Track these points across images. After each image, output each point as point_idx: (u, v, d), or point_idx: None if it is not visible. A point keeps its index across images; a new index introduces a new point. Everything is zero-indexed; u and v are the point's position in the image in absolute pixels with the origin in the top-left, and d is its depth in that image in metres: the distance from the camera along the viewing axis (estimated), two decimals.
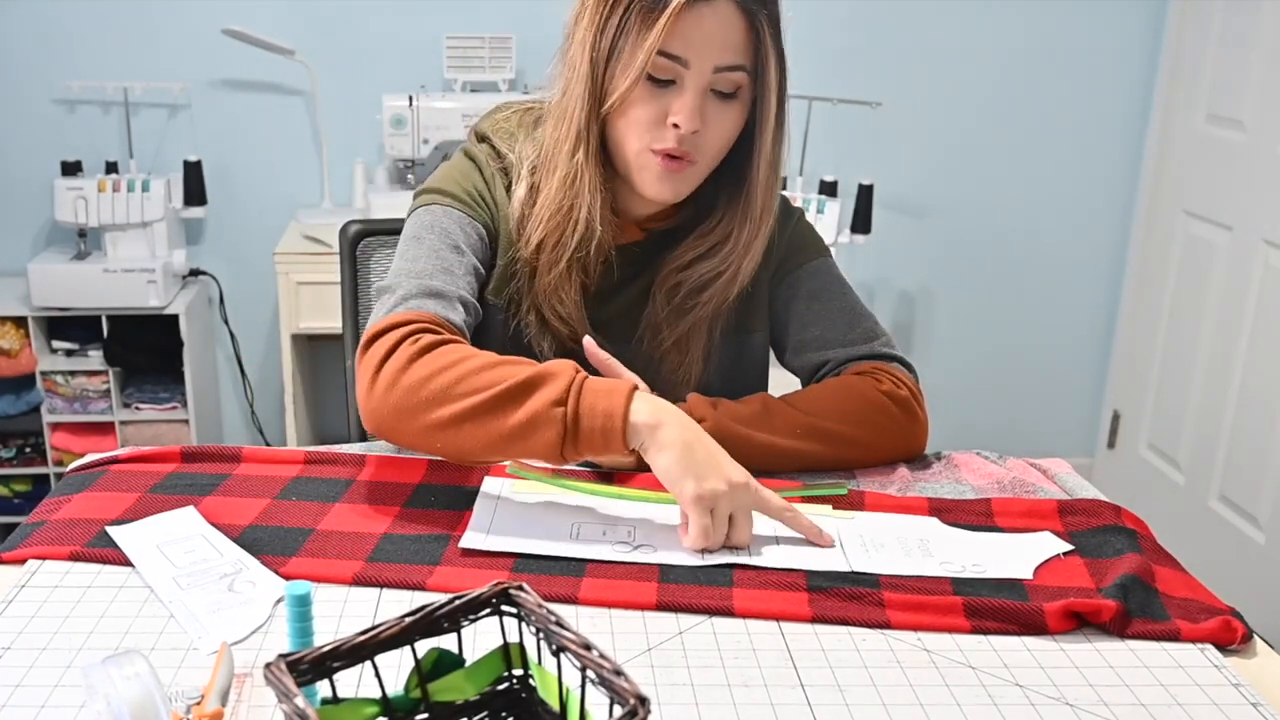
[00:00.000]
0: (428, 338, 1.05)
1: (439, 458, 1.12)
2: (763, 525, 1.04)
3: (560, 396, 0.99)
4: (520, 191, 1.21)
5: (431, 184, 1.24)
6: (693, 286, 1.23)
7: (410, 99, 2.53)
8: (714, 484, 0.97)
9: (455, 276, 1.15)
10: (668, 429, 0.99)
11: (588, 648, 0.62)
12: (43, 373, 2.59)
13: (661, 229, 1.26)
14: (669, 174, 1.14)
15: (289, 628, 0.76)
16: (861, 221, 2.65)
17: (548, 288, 1.20)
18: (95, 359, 2.60)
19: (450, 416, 1.01)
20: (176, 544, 0.97)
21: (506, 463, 1.14)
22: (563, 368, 1.02)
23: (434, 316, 1.09)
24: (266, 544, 0.98)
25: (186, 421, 2.67)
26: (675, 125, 1.11)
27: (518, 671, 0.71)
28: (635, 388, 1.02)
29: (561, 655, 0.65)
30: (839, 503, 1.09)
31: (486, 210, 1.23)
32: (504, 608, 0.69)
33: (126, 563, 0.94)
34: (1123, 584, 0.93)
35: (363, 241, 1.50)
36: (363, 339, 1.08)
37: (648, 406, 1.00)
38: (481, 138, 1.28)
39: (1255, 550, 2.52)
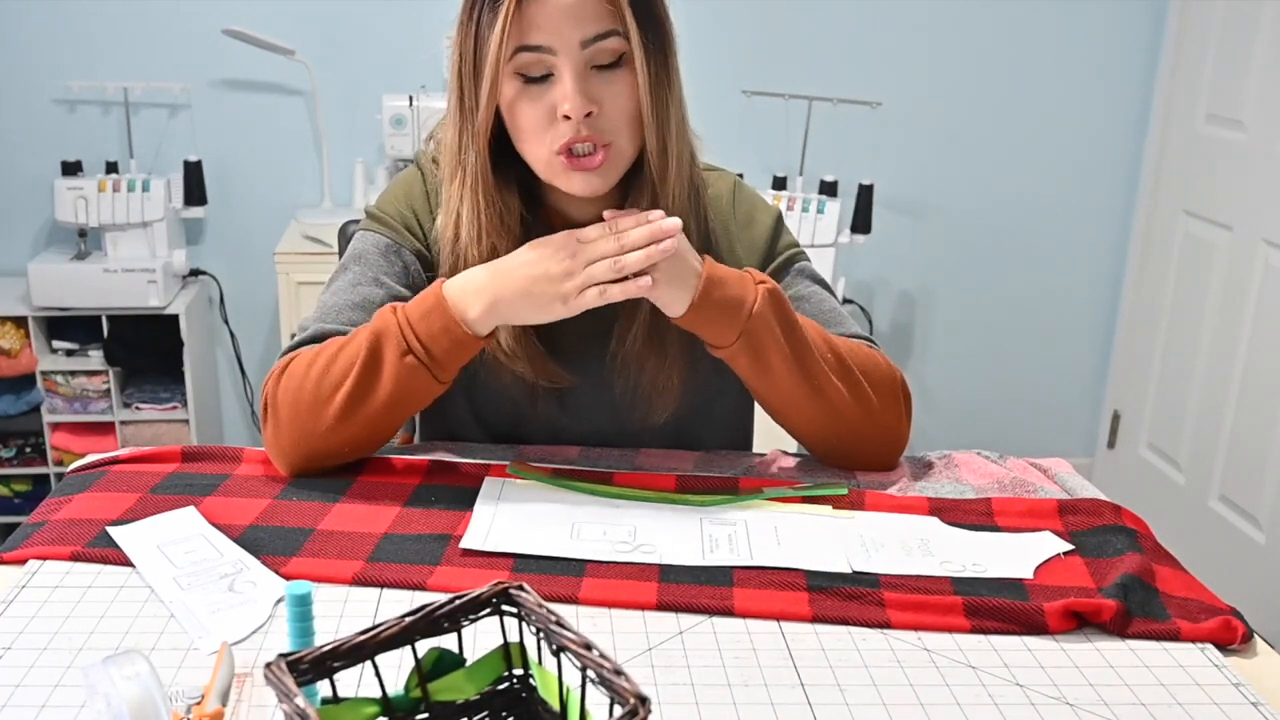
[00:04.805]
0: (284, 365, 1.11)
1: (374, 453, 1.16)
2: (763, 525, 1.04)
3: (401, 346, 1.05)
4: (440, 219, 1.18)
5: (373, 205, 1.24)
6: None
7: (410, 99, 2.53)
8: (556, 266, 1.03)
9: (366, 312, 1.14)
10: (483, 294, 1.04)
11: (588, 647, 0.62)
12: (43, 373, 2.59)
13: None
14: (584, 171, 1.08)
15: (289, 628, 0.76)
16: (861, 221, 2.66)
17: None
18: (95, 359, 2.60)
19: (335, 418, 1.07)
20: (177, 544, 0.97)
21: (507, 463, 1.14)
22: (384, 321, 1.06)
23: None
24: (267, 544, 0.98)
25: (186, 421, 2.67)
26: (566, 116, 1.05)
27: (518, 671, 0.71)
28: (442, 286, 1.06)
29: (562, 655, 0.65)
30: (839, 503, 1.09)
31: (418, 235, 1.20)
32: (504, 607, 0.69)
33: (127, 563, 0.94)
34: (1123, 584, 0.93)
35: None
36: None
37: (461, 296, 1.05)
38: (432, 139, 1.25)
39: (1255, 550, 2.52)
